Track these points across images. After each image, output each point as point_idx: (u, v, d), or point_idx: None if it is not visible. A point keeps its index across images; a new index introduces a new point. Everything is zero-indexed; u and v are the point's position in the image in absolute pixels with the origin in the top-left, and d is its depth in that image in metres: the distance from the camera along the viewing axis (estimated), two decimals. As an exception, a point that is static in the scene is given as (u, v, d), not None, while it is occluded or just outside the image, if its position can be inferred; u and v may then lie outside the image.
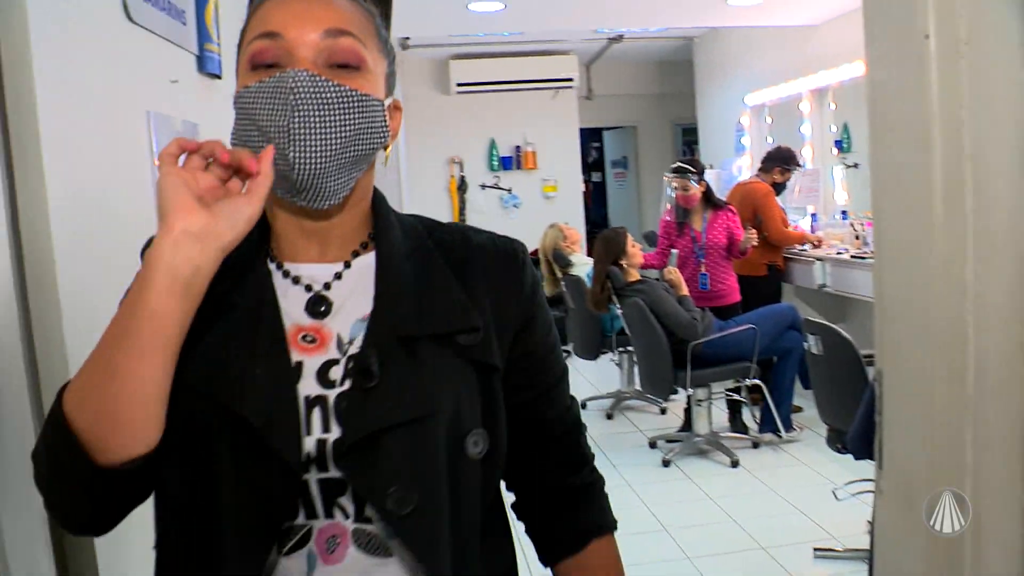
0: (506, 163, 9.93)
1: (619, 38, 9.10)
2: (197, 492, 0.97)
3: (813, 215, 7.03)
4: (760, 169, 6.52)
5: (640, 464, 5.47)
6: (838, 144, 7.09)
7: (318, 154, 0.98)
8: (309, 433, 0.98)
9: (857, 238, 6.18)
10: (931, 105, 1.11)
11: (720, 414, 5.87)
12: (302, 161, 0.97)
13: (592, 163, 13.32)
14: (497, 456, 1.09)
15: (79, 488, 0.93)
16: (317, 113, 0.97)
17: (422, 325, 1.03)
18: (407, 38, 8.59)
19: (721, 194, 6.71)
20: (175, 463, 0.98)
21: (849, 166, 7.03)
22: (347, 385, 1.00)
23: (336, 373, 1.01)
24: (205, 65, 1.94)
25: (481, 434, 1.05)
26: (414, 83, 9.56)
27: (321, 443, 0.98)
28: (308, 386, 1.00)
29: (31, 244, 1.24)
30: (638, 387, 6.39)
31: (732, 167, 8.45)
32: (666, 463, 5.38)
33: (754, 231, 5.78)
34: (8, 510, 1.17)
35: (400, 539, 0.99)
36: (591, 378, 7.65)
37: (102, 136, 1.46)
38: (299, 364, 1.01)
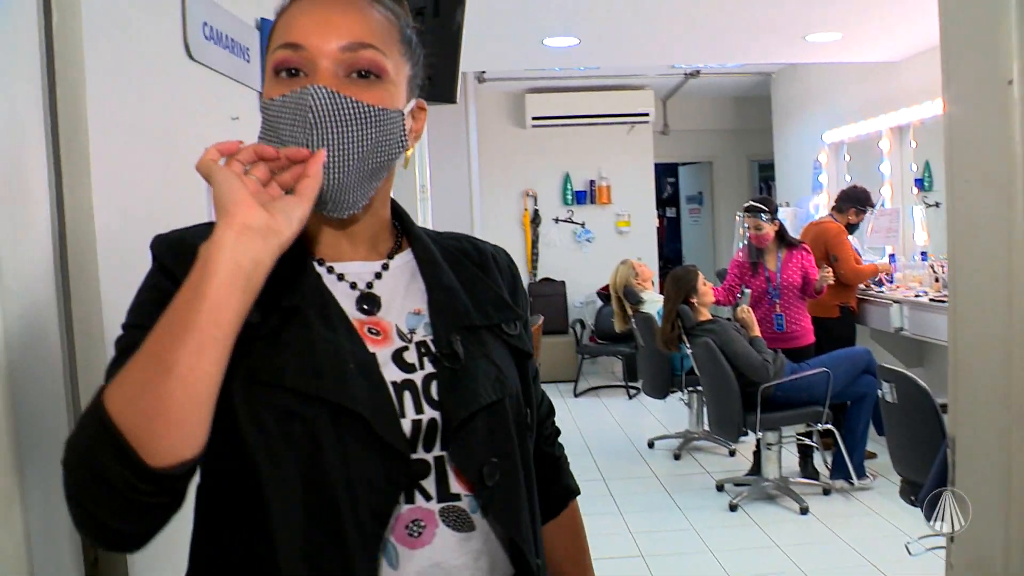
0: (580, 197, 9.91)
1: (696, 73, 9.05)
2: (303, 488, 0.98)
3: (891, 256, 6.86)
4: (834, 208, 6.39)
5: (706, 507, 5.36)
6: (918, 183, 6.92)
7: (338, 169, 1.02)
8: (403, 416, 1.04)
9: (937, 280, 6.01)
10: (1014, 153, 1.04)
11: (790, 458, 5.72)
12: (324, 177, 1.01)
13: (667, 198, 13.23)
14: (534, 431, 1.22)
15: (122, 495, 0.89)
16: (336, 130, 1.01)
17: (479, 316, 1.14)
18: (483, 72, 8.65)
19: (797, 232, 6.60)
20: (274, 461, 0.98)
21: (930, 205, 6.86)
22: (428, 368, 1.08)
23: (411, 357, 1.08)
24: (268, 102, 1.95)
25: (529, 412, 1.18)
26: (490, 116, 9.63)
27: (416, 424, 1.05)
28: (391, 372, 1.06)
29: (78, 280, 1.25)
30: (707, 427, 6.28)
31: (809, 205, 8.30)
32: (733, 507, 5.26)
33: (829, 269, 5.65)
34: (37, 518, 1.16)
35: (490, 510, 1.07)
36: (660, 417, 7.54)
37: (156, 174, 1.47)
38: (373, 355, 1.06)
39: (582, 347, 9.04)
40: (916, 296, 5.89)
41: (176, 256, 1.03)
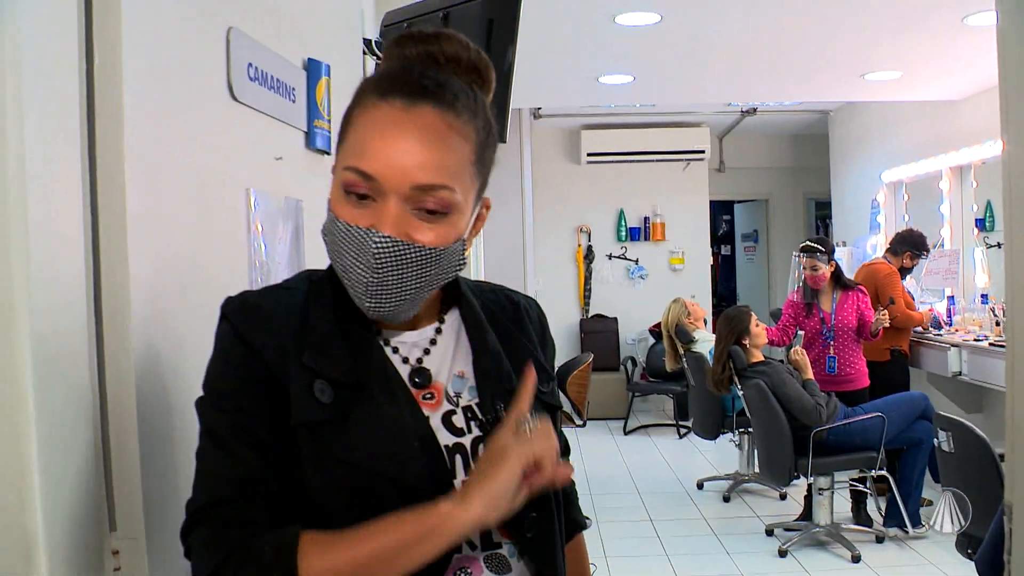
0: (634, 234, 9.89)
1: (752, 111, 9.00)
2: None
3: (950, 298, 6.72)
4: (889, 251, 6.28)
5: (755, 552, 5.26)
6: (979, 223, 6.78)
7: (390, 303, 1.09)
8: (455, 477, 1.13)
9: (998, 324, 5.86)
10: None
11: (842, 503, 5.59)
12: (375, 308, 1.09)
13: (722, 235, 13.13)
14: None
15: None
16: (394, 272, 1.06)
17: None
18: (539, 108, 8.70)
19: (851, 272, 6.50)
20: (346, 522, 1.05)
21: (991, 246, 6.72)
22: (475, 432, 1.16)
23: (459, 422, 1.16)
24: (314, 141, 1.97)
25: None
26: (545, 152, 9.67)
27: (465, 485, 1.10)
28: (443, 436, 1.14)
29: (111, 320, 1.26)
30: (757, 469, 6.17)
31: (866, 245, 8.17)
32: (783, 553, 5.15)
33: (886, 312, 5.55)
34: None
35: (528, 555, 1.17)
36: (710, 458, 7.44)
37: (195, 214, 1.48)
38: (431, 429, 1.14)
39: (632, 384, 8.97)
40: (976, 340, 5.75)
41: (252, 325, 1.11)
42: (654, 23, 4.75)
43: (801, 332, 5.57)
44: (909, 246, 6.18)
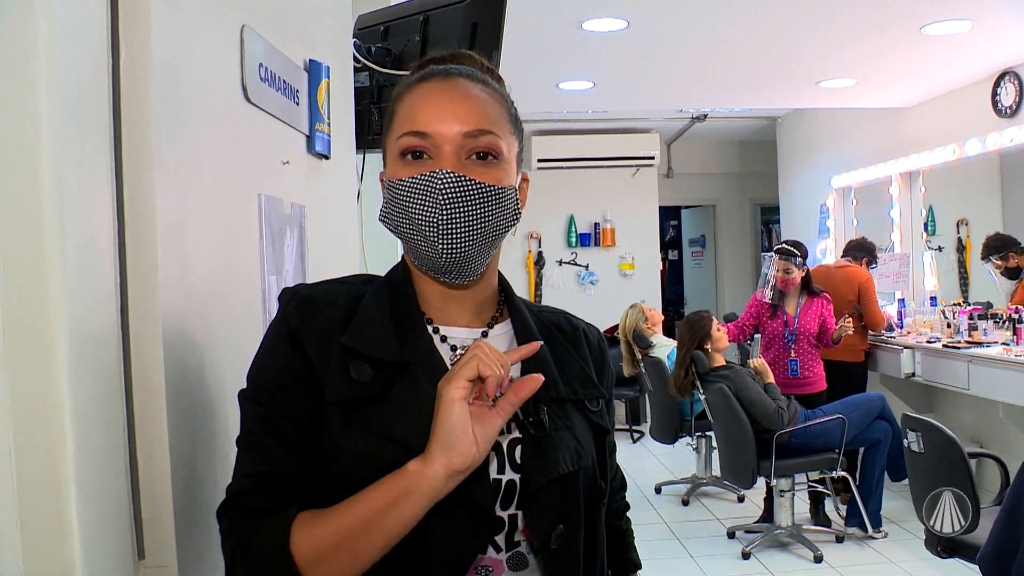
0: (584, 240, 9.90)
1: (703, 117, 9.07)
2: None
3: (901, 300, 6.84)
4: (850, 257, 6.36)
5: (718, 555, 5.29)
6: (924, 227, 6.94)
7: (463, 243, 1.13)
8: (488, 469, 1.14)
9: (949, 326, 5.98)
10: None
11: (801, 505, 5.65)
12: (450, 250, 1.13)
13: (669, 241, 13.23)
14: (607, 502, 1.29)
15: None
16: (461, 208, 1.12)
17: (566, 390, 1.22)
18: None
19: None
20: None
21: (932, 248, 6.86)
22: (514, 433, 1.16)
23: None
24: (315, 145, 1.91)
25: (603, 484, 1.26)
26: (495, 157, 9.60)
27: (497, 483, 1.14)
28: None
29: (139, 331, 1.20)
30: (715, 473, 6.21)
31: (816, 249, 8.29)
32: (746, 555, 5.19)
33: (850, 319, 5.62)
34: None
35: (548, 569, 1.16)
36: (666, 462, 7.47)
37: (214, 221, 1.42)
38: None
39: (586, 389, 8.93)
40: (929, 342, 5.86)
41: (306, 319, 1.14)
42: (621, 30, 4.75)
43: (758, 336, 5.60)
44: (866, 253, 6.31)
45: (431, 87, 1.18)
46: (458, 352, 1.19)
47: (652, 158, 9.59)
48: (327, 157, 1.98)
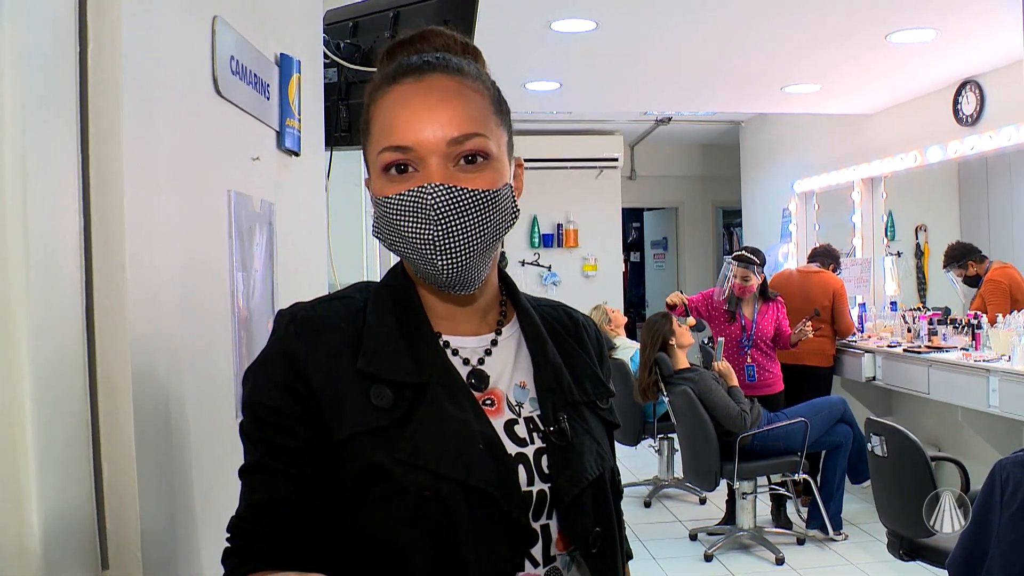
0: (547, 240, 9.89)
1: (667, 120, 9.09)
2: (436, 556, 1.05)
3: (862, 305, 6.90)
4: (820, 263, 6.38)
5: (680, 557, 5.30)
6: (884, 232, 7.02)
7: (464, 255, 1.08)
8: (518, 486, 1.12)
9: (909, 331, 6.03)
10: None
11: (763, 507, 5.67)
12: (450, 266, 1.08)
13: (631, 243, 13.26)
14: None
15: None
16: (456, 221, 1.07)
17: (580, 393, 1.20)
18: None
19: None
20: (412, 533, 1.05)
21: (891, 254, 6.94)
22: (538, 443, 1.14)
23: (521, 432, 1.14)
24: (284, 141, 1.87)
25: (619, 481, 1.25)
26: (459, 157, 9.55)
27: (527, 495, 1.11)
28: (506, 446, 1.13)
29: (105, 331, 1.15)
30: (677, 475, 6.21)
31: (777, 253, 8.34)
32: (708, 557, 5.21)
33: (810, 323, 5.64)
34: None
35: (592, 571, 1.14)
36: (629, 464, 7.46)
37: (183, 217, 1.37)
38: (496, 433, 1.13)
39: (548, 391, 8.92)
40: (890, 346, 5.91)
41: (309, 343, 1.09)
42: (589, 30, 4.73)
43: (722, 340, 5.61)
44: (831, 259, 6.38)
45: (406, 90, 1.11)
46: (471, 365, 1.16)
47: (616, 160, 9.61)
48: (297, 154, 1.93)
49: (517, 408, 1.16)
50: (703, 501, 6.34)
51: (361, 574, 1.07)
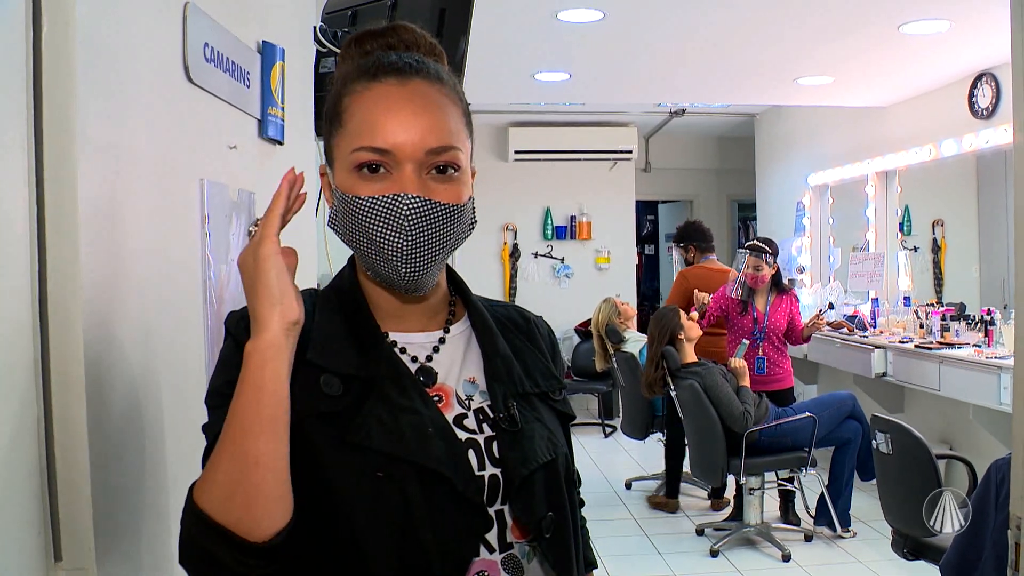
0: (560, 232, 9.84)
1: (681, 112, 9.02)
2: (395, 541, 1.08)
3: (874, 300, 6.83)
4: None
5: (687, 552, 5.27)
6: (900, 227, 6.92)
7: (424, 265, 1.11)
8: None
9: (922, 327, 5.96)
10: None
11: (770, 503, 5.63)
12: (412, 273, 1.11)
13: (646, 235, 13.20)
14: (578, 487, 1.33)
15: (236, 573, 0.99)
16: (425, 232, 1.10)
17: (531, 384, 1.24)
18: (468, 104, 8.57)
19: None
20: (369, 517, 1.07)
21: (908, 249, 6.86)
22: (488, 432, 1.17)
23: (471, 424, 1.17)
24: (267, 130, 1.84)
25: (576, 472, 1.30)
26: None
27: (480, 479, 1.14)
28: (456, 432, 1.16)
29: (58, 320, 1.13)
30: (686, 469, 6.18)
31: (791, 247, 8.27)
32: (714, 553, 5.17)
33: (822, 317, 5.59)
34: None
35: (548, 558, 1.17)
36: (637, 457, 7.44)
37: (150, 205, 1.35)
38: (446, 418, 1.16)
39: (559, 383, 8.88)
40: (901, 342, 5.84)
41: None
42: (596, 20, 4.68)
43: (747, 342, 5.54)
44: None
45: (387, 92, 1.12)
46: (419, 362, 1.19)
47: (630, 152, 9.54)
48: (280, 143, 1.91)
49: (467, 402, 1.19)
50: (712, 495, 6.26)
51: (321, 561, 1.09)
